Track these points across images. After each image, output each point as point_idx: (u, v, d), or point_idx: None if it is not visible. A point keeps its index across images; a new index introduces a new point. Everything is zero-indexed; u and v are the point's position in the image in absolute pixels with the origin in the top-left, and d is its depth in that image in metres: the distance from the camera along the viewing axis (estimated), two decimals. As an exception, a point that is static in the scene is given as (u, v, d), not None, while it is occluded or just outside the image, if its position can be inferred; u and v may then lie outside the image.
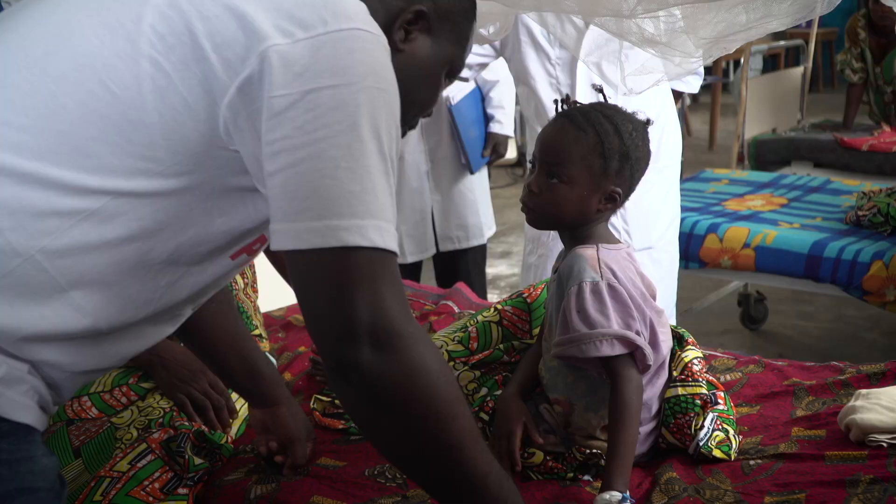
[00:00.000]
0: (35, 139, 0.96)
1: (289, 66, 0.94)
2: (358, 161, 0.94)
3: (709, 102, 8.18)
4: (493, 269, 4.87)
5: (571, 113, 1.46)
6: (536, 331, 1.71)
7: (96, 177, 0.97)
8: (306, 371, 1.88)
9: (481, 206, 3.44)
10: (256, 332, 1.90)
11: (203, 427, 1.58)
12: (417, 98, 1.11)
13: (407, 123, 1.14)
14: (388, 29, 1.09)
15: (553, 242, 2.48)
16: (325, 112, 0.94)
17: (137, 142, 0.97)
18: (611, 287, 1.39)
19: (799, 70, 5.50)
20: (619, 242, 1.49)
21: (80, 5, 1.04)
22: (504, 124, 3.42)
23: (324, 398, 1.71)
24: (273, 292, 2.21)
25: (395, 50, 1.09)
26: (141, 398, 1.64)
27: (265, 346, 1.93)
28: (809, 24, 6.13)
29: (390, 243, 0.96)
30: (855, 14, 5.05)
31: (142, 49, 0.97)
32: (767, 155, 4.81)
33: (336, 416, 1.67)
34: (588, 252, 1.43)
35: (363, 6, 1.02)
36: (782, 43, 7.05)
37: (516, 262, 5.02)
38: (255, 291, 2.03)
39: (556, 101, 1.49)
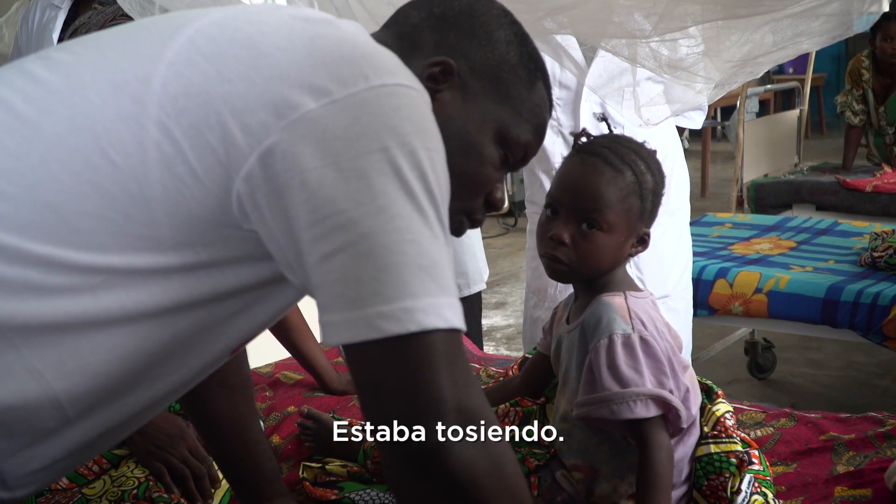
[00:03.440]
0: (18, 209, 0.83)
1: (328, 131, 0.82)
2: (421, 232, 0.82)
3: (697, 149, 8.14)
4: (487, 320, 4.75)
5: (599, 150, 1.30)
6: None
7: (85, 254, 0.83)
8: (295, 434, 1.72)
9: (477, 250, 3.29)
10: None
11: (182, 500, 1.45)
12: (455, 170, 0.92)
13: (458, 207, 0.98)
14: None
15: (560, 294, 2.32)
16: (380, 178, 0.81)
17: (136, 217, 0.84)
18: (643, 340, 1.24)
19: (793, 113, 5.46)
20: (643, 290, 1.35)
21: (83, 60, 0.91)
22: None
23: (314, 465, 1.56)
24: (259, 347, 2.04)
25: None
26: (114, 466, 1.52)
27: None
28: (803, 68, 6.12)
29: (462, 322, 0.84)
30: (858, 55, 5.03)
31: (150, 111, 0.84)
32: (768, 198, 4.73)
33: (328, 486, 1.51)
34: (616, 301, 1.28)
35: (399, 60, 0.89)
36: (769, 87, 7.06)
37: (511, 313, 4.90)
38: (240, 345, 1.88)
39: (574, 135, 1.35)
